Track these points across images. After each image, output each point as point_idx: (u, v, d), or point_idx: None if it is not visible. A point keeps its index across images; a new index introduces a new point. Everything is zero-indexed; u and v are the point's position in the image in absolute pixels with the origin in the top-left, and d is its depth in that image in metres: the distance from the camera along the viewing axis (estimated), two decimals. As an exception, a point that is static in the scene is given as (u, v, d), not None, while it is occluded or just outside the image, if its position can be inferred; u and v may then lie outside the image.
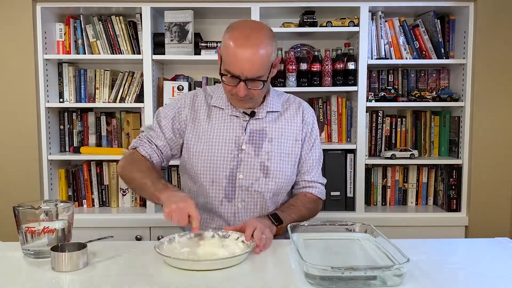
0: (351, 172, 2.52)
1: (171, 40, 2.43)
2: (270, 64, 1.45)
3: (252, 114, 1.55)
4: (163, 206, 1.31)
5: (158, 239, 1.38)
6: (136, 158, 1.54)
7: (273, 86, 2.43)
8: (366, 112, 2.46)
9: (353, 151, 2.51)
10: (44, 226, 1.25)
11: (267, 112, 1.57)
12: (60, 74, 2.57)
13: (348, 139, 2.58)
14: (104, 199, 2.63)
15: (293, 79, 2.45)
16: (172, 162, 1.71)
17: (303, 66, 2.46)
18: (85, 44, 2.50)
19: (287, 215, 1.49)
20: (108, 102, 2.54)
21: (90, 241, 1.31)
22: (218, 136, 1.54)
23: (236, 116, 1.56)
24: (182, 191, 1.49)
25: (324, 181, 1.69)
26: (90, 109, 2.63)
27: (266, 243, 1.31)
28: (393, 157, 2.49)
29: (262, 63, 1.40)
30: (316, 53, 2.51)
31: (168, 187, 1.40)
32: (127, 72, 2.53)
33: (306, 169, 1.62)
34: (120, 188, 2.62)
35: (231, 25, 1.46)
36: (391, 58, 2.47)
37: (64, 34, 2.51)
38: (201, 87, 2.55)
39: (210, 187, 1.53)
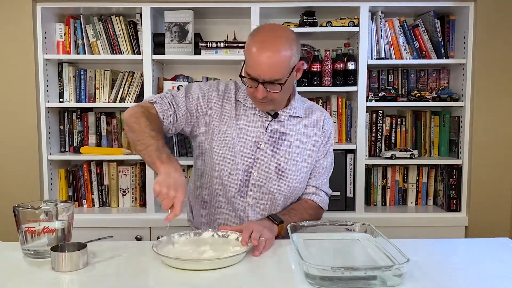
0: (351, 172, 2.52)
1: (171, 40, 2.43)
2: (290, 68, 1.45)
3: (275, 116, 1.57)
4: (158, 179, 1.26)
5: (158, 239, 1.38)
6: (151, 113, 1.48)
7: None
8: (366, 112, 2.46)
9: (353, 151, 2.51)
10: (44, 226, 1.25)
11: (289, 116, 1.59)
12: (60, 74, 2.57)
13: (348, 139, 2.58)
14: (104, 199, 2.63)
15: (293, 79, 2.45)
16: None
17: (303, 66, 2.45)
18: (85, 44, 2.50)
19: (288, 217, 1.49)
20: (108, 102, 2.54)
21: (90, 241, 1.31)
22: (240, 131, 1.55)
23: (260, 115, 1.58)
24: (180, 169, 1.37)
25: (329, 192, 1.70)
26: (90, 109, 2.63)
27: (266, 245, 1.30)
28: (393, 157, 2.49)
29: (280, 66, 1.41)
30: (316, 53, 2.51)
31: (171, 161, 1.32)
32: (127, 72, 2.53)
33: (314, 174, 1.64)
34: (120, 188, 2.62)
35: (256, 28, 1.51)
36: (391, 58, 2.47)
37: (64, 34, 2.51)
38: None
39: (227, 179, 1.54)
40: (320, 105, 2.55)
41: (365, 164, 2.48)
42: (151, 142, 1.36)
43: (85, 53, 2.50)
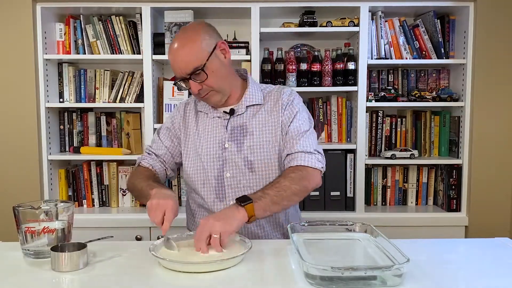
0: (351, 172, 2.52)
1: (171, 40, 2.43)
2: (207, 52, 1.47)
3: (231, 112, 1.58)
4: (148, 202, 1.34)
5: (158, 239, 1.38)
6: (138, 170, 1.63)
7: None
8: (366, 112, 2.46)
9: (353, 151, 2.51)
10: (44, 226, 1.25)
11: (246, 106, 1.58)
12: (60, 74, 2.57)
13: (348, 139, 2.58)
14: (104, 199, 2.63)
15: (293, 79, 2.45)
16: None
17: (303, 66, 2.46)
18: (85, 44, 2.50)
19: (261, 193, 1.36)
20: (108, 102, 2.54)
21: (90, 241, 1.30)
22: (204, 139, 1.59)
23: (218, 117, 1.59)
24: (173, 192, 1.47)
25: (311, 149, 1.50)
26: (90, 109, 2.63)
27: (222, 238, 1.23)
28: (393, 157, 2.49)
29: (191, 54, 1.45)
30: (316, 53, 2.51)
31: (162, 187, 1.42)
32: (127, 72, 2.53)
33: (285, 144, 1.53)
34: (120, 188, 2.62)
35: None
36: (391, 58, 2.47)
37: (64, 34, 2.51)
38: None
39: (202, 189, 1.57)
40: (320, 105, 2.56)
41: (365, 164, 2.48)
42: (141, 185, 1.50)
43: (85, 53, 2.50)
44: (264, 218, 1.42)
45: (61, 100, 2.56)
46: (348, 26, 2.41)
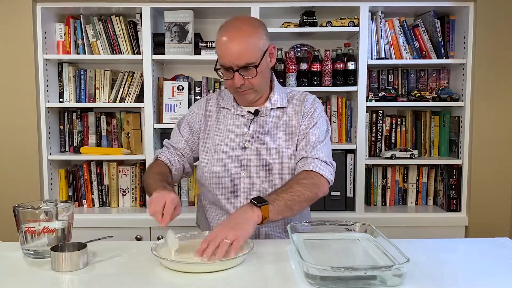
0: (351, 172, 2.52)
1: (171, 40, 2.43)
2: (261, 50, 1.47)
3: (256, 113, 1.57)
4: (149, 199, 1.35)
5: (158, 239, 1.38)
6: (154, 164, 1.62)
7: (273, 86, 2.45)
8: (366, 112, 2.46)
9: (353, 151, 2.51)
10: (44, 226, 1.25)
11: (271, 109, 1.59)
12: (60, 74, 2.57)
13: (348, 139, 2.58)
14: (104, 199, 2.63)
15: (293, 79, 2.45)
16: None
17: (303, 66, 2.46)
18: (85, 44, 2.50)
19: (276, 195, 1.37)
20: (108, 102, 2.54)
21: (90, 241, 1.30)
22: (224, 136, 1.58)
23: (241, 115, 1.59)
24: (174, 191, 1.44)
25: (327, 159, 1.52)
26: (90, 109, 2.64)
27: (233, 245, 1.19)
28: (393, 157, 2.49)
29: (250, 49, 1.44)
30: (316, 53, 2.51)
31: (166, 187, 1.41)
32: (127, 72, 2.53)
33: (302, 146, 1.54)
34: (120, 188, 2.62)
35: (222, 24, 1.53)
36: (391, 58, 2.47)
37: (64, 34, 2.51)
38: (200, 87, 2.56)
39: (216, 185, 1.56)
40: (320, 105, 2.56)
41: (365, 164, 2.48)
42: (150, 182, 1.50)
43: (85, 53, 2.50)
44: (276, 221, 1.42)
45: (61, 100, 2.56)
46: (348, 26, 2.41)
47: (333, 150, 2.45)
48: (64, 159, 2.58)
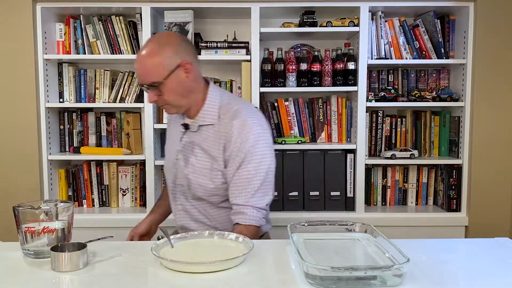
0: (351, 172, 2.52)
1: (171, 40, 2.43)
2: (166, 70, 1.47)
3: (186, 127, 1.63)
4: None
5: (158, 239, 1.38)
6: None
7: (272, 86, 2.46)
8: (366, 112, 2.46)
9: (353, 151, 2.51)
10: (44, 226, 1.25)
11: (198, 125, 1.59)
12: (60, 74, 2.57)
13: (348, 139, 2.58)
14: (104, 199, 2.63)
15: (293, 79, 2.45)
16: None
17: (303, 66, 2.46)
18: (85, 44, 2.50)
19: None
20: (108, 102, 2.54)
21: (90, 241, 1.30)
22: (168, 145, 1.77)
23: (179, 127, 1.66)
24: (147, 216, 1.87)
25: (263, 204, 1.51)
26: (90, 109, 2.63)
27: None
28: (393, 157, 2.49)
29: (151, 69, 1.48)
30: (316, 53, 2.51)
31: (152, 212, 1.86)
32: (127, 72, 2.53)
33: (233, 191, 1.52)
34: (120, 188, 2.62)
35: None
36: (391, 58, 2.47)
37: (64, 34, 2.51)
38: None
39: (167, 190, 1.79)
40: (320, 105, 2.56)
41: (365, 164, 2.48)
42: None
43: (85, 53, 2.50)
44: None
45: (61, 100, 2.56)
46: (348, 26, 2.41)
47: (333, 150, 2.49)
48: (64, 159, 2.58)
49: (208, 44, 2.44)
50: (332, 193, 2.49)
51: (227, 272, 1.15)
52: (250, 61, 2.42)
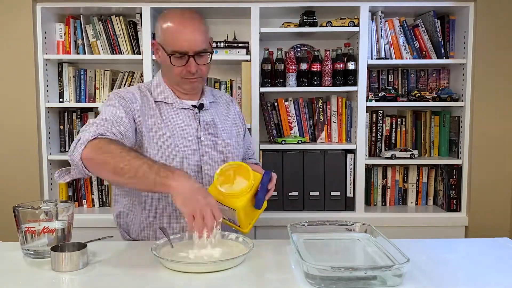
0: (351, 172, 2.52)
1: (171, 40, 2.43)
2: (210, 42, 1.54)
3: (201, 107, 1.60)
4: (180, 202, 1.18)
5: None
6: (110, 141, 1.30)
7: (272, 86, 2.47)
8: (366, 112, 2.46)
9: (353, 151, 2.51)
10: (44, 226, 1.25)
11: (209, 102, 1.64)
12: (60, 74, 2.57)
13: (348, 139, 2.58)
14: (104, 199, 2.63)
15: (293, 79, 2.45)
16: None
17: (303, 66, 2.46)
18: (85, 44, 2.50)
19: None
20: (108, 102, 2.54)
21: (90, 241, 1.31)
22: (176, 130, 1.51)
23: (185, 108, 1.58)
24: (190, 176, 1.27)
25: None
26: (90, 109, 2.63)
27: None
28: (393, 157, 2.49)
29: (205, 36, 1.49)
30: (316, 53, 2.51)
31: (174, 171, 1.23)
32: (127, 72, 2.53)
33: (250, 151, 1.83)
34: (120, 188, 2.62)
35: (162, 16, 1.53)
36: (391, 58, 2.47)
37: (64, 34, 2.51)
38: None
39: None
40: (320, 105, 2.57)
41: (365, 164, 2.48)
42: (138, 164, 1.22)
43: (85, 53, 2.50)
44: None
45: (61, 100, 2.56)
46: (348, 26, 2.41)
47: (333, 150, 2.49)
48: (64, 159, 2.58)
49: (208, 44, 2.44)
50: (332, 193, 2.49)
51: (227, 272, 1.15)
52: (250, 61, 2.42)
